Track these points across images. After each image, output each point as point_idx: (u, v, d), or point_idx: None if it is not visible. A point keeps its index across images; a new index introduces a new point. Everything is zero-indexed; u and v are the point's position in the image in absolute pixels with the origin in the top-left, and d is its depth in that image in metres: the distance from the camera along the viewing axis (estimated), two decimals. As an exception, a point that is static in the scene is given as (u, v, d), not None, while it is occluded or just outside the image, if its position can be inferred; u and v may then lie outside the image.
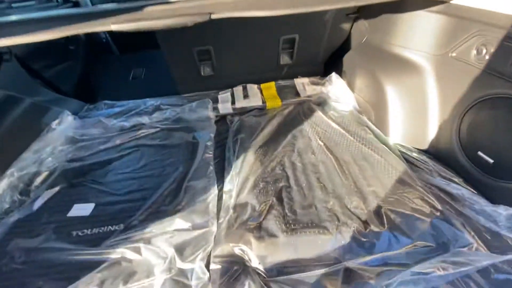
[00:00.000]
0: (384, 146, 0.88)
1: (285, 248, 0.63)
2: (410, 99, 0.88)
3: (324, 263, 0.60)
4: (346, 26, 1.12)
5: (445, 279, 0.55)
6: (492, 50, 0.66)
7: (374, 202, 0.71)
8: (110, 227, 0.73)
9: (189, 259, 0.61)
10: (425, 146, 0.86)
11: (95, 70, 1.67)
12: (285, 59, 1.21)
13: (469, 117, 0.74)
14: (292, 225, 0.67)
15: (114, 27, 0.59)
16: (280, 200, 0.74)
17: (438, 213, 0.67)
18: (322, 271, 0.58)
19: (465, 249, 0.60)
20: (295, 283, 0.57)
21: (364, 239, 0.63)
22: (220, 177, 0.87)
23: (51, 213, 0.79)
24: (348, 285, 0.55)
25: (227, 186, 0.81)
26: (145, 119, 1.13)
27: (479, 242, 0.62)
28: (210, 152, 0.94)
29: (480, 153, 0.72)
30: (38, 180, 0.90)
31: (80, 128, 1.10)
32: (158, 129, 1.08)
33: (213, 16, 0.60)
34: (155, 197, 0.80)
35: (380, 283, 0.54)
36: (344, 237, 0.64)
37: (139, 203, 0.78)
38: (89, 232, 0.72)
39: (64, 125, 1.10)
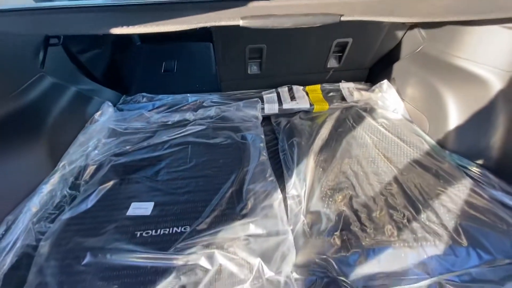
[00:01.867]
0: (443, 158, 0.88)
1: (369, 259, 0.62)
2: (473, 112, 0.87)
3: (411, 277, 0.59)
4: (399, 33, 1.10)
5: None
6: None
7: (448, 217, 0.70)
8: (176, 228, 0.70)
9: (276, 269, 0.59)
10: (485, 161, 0.86)
11: (121, 59, 1.62)
12: (332, 63, 1.19)
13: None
14: (372, 237, 0.66)
15: (243, 23, 0.55)
16: (352, 210, 0.73)
17: (510, 227, 0.66)
18: (412, 285, 0.57)
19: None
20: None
21: (446, 254, 0.62)
22: (278, 181, 0.85)
23: (108, 211, 0.75)
24: None
25: (291, 191, 0.79)
26: (189, 116, 1.09)
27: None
28: (265, 155, 0.92)
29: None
30: (87, 174, 0.86)
31: (122, 120, 1.06)
32: (204, 126, 1.05)
33: (343, 18, 0.57)
34: (217, 199, 0.77)
35: None
36: (426, 251, 0.63)
37: (201, 205, 0.76)
38: (154, 233, 0.69)
39: (105, 116, 1.05)
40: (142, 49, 1.77)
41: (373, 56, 1.18)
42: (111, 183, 0.83)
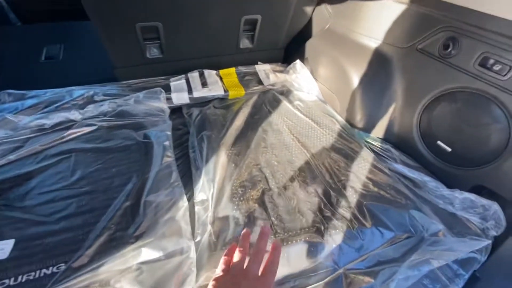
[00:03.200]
0: (352, 137, 0.89)
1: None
2: (374, 89, 0.89)
3: (321, 271, 0.57)
4: (308, 9, 1.06)
5: (431, 269, 0.59)
6: (458, 45, 0.69)
7: (355, 198, 0.70)
8: (45, 270, 0.54)
9: None
10: (387, 135, 0.89)
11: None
12: (245, 43, 1.09)
13: (430, 109, 0.79)
14: (281, 235, 0.61)
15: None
16: (263, 207, 0.67)
17: (410, 202, 0.70)
18: (321, 283, 0.55)
19: (437, 236, 0.65)
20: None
21: (354, 240, 0.62)
22: (187, 185, 0.75)
23: None
24: None
25: (199, 196, 0.69)
26: (74, 115, 0.88)
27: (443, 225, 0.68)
28: (171, 155, 0.79)
29: (439, 142, 0.77)
30: None
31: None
32: (94, 127, 0.85)
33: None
34: (104, 221, 0.62)
35: (380, 284, 0.53)
36: (335, 240, 0.61)
37: (83, 231, 0.60)
38: (12, 282, 0.52)
39: None
40: (17, 32, 1.39)
41: (286, 35, 1.12)
42: None
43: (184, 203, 0.67)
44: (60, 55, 1.21)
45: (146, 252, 0.56)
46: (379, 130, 0.90)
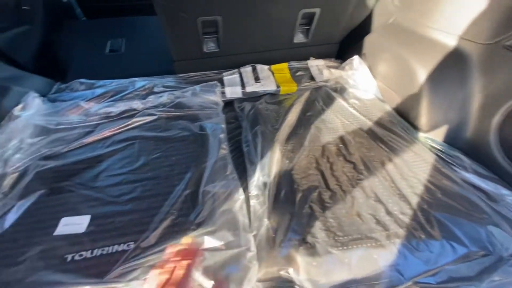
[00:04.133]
0: (415, 140, 0.82)
1: (339, 266, 0.55)
2: (445, 89, 0.81)
3: (385, 280, 0.54)
4: (371, 2, 1.00)
5: None
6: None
7: (420, 206, 0.65)
8: (116, 246, 0.58)
9: None
10: (456, 141, 0.81)
11: (58, 38, 1.37)
12: (299, 37, 1.06)
13: (514, 114, 0.70)
14: (341, 238, 0.59)
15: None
16: (320, 207, 0.65)
17: (486, 216, 0.63)
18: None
19: (518, 256, 0.57)
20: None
21: (421, 251, 0.57)
22: (240, 179, 0.75)
23: (31, 231, 0.61)
24: None
25: (254, 190, 0.70)
26: (137, 104, 0.93)
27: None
28: (226, 147, 0.81)
29: (523, 152, 0.68)
30: (6, 185, 0.70)
31: (53, 114, 0.88)
32: (155, 117, 0.90)
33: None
34: (167, 206, 0.65)
35: None
36: (398, 249, 0.58)
37: (149, 214, 0.64)
38: (89, 255, 0.57)
39: (30, 110, 0.86)
40: (84, 26, 1.51)
41: (343, 29, 1.07)
42: (36, 194, 0.67)
43: (240, 195, 0.68)
44: (122, 48, 1.29)
45: (208, 240, 0.57)
46: (447, 134, 0.83)
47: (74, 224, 0.62)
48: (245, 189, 0.72)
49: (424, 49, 0.85)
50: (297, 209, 0.64)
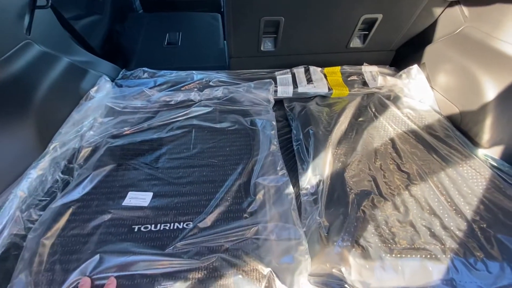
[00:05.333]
0: (473, 156, 0.79)
1: (392, 273, 0.55)
2: (515, 107, 0.77)
3: (439, 292, 0.53)
4: (437, 11, 0.96)
5: None
6: None
7: (479, 225, 0.63)
8: (177, 224, 0.63)
9: (289, 283, 0.52)
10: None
11: (122, 28, 1.48)
12: (356, 42, 1.06)
13: None
14: (395, 246, 0.59)
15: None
16: (373, 212, 0.65)
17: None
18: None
19: None
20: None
21: (478, 269, 0.55)
22: (291, 176, 0.78)
23: (104, 199, 0.68)
24: None
25: (306, 188, 0.71)
26: (194, 96, 0.99)
27: None
28: (276, 144, 0.83)
29: None
30: (82, 157, 0.78)
31: (120, 98, 0.96)
32: (210, 108, 0.95)
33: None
34: (222, 192, 0.70)
35: None
36: (455, 264, 0.56)
37: (205, 198, 0.68)
38: (153, 228, 0.63)
39: (103, 92, 0.95)
40: (144, 19, 1.62)
41: (403, 37, 1.04)
42: (107, 168, 0.75)
43: (290, 191, 0.70)
44: (179, 41, 1.37)
45: (262, 229, 0.60)
46: (509, 153, 0.78)
47: (138, 198, 0.68)
48: (295, 186, 0.74)
49: (494, 63, 0.81)
50: (350, 212, 0.65)
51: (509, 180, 0.74)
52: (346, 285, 0.54)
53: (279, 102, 1.04)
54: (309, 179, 0.73)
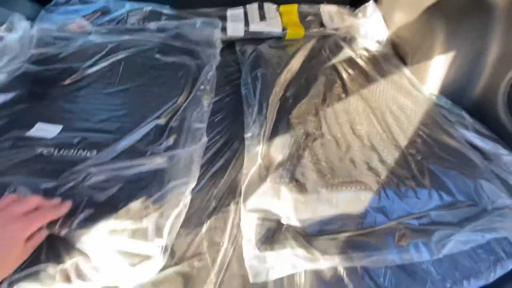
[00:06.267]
0: (420, 95, 0.79)
1: (326, 204, 0.55)
2: (462, 44, 0.76)
3: (371, 219, 0.54)
4: None
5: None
6: None
7: (415, 158, 0.64)
8: (81, 151, 0.57)
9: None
10: (463, 100, 0.78)
11: None
12: (314, -24, 0.96)
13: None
14: (332, 180, 0.59)
15: None
16: (315, 152, 0.64)
17: (478, 171, 0.62)
18: (370, 229, 0.53)
19: (503, 210, 0.58)
20: (341, 243, 0.51)
21: (409, 198, 0.58)
22: (236, 121, 0.74)
23: (6, 125, 0.61)
24: (403, 244, 0.51)
25: (250, 130, 0.68)
26: (132, 26, 0.87)
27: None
28: (208, 86, 0.75)
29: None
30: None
31: (48, 28, 0.82)
32: (150, 43, 0.84)
33: None
34: (135, 131, 0.62)
35: (433, 242, 0.50)
36: (388, 194, 0.57)
37: (115, 136, 0.61)
38: (55, 153, 0.56)
39: (17, 33, 0.80)
40: None
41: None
42: (14, 92, 0.66)
43: (204, 137, 0.64)
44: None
45: (158, 160, 0.57)
46: (454, 92, 0.79)
47: (47, 130, 0.61)
48: (240, 131, 0.71)
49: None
50: (291, 151, 0.63)
51: (450, 117, 0.76)
52: (281, 220, 0.54)
53: (231, 46, 0.95)
54: (254, 121, 0.70)
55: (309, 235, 0.53)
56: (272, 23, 0.93)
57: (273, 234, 0.53)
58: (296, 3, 1.00)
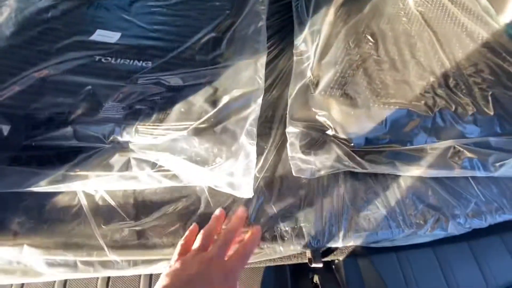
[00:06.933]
0: (494, 24, 0.69)
1: (376, 120, 0.53)
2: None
3: (419, 139, 0.52)
4: None
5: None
6: None
7: (480, 85, 0.59)
8: (137, 62, 0.57)
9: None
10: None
11: None
12: None
13: None
14: (384, 99, 0.55)
15: None
16: (370, 71, 0.60)
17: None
18: (420, 146, 0.51)
19: None
20: (387, 154, 0.50)
21: (467, 123, 0.54)
22: (287, 37, 0.70)
23: (70, 28, 0.61)
24: (455, 162, 0.49)
25: (300, 46, 0.64)
26: None
27: None
28: (263, 7, 0.70)
29: None
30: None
31: None
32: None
33: None
34: (190, 42, 0.62)
35: (490, 162, 0.48)
36: (444, 118, 0.54)
37: (172, 45, 0.61)
38: (113, 61, 0.57)
39: None
40: None
41: None
42: (76, 2, 0.65)
43: (265, 50, 0.62)
44: None
45: (221, 77, 0.56)
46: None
47: (106, 36, 0.61)
48: (290, 46, 0.67)
49: None
50: (344, 68, 0.59)
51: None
52: (328, 131, 0.53)
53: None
54: (305, 37, 0.65)
55: (354, 147, 0.51)
56: None
57: (316, 142, 0.52)
58: None
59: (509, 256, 0.53)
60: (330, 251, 0.53)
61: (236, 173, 0.46)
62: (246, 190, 0.46)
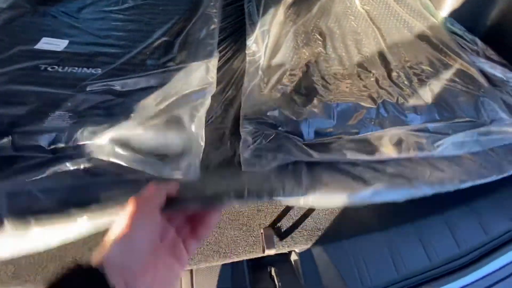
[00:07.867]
0: (433, 19, 0.75)
1: (325, 114, 0.55)
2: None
3: (365, 129, 0.55)
4: None
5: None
6: None
7: (419, 76, 0.63)
8: (85, 69, 0.56)
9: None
10: (477, 25, 0.74)
11: None
12: None
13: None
14: (331, 93, 0.58)
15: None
16: (318, 67, 0.62)
17: (482, 91, 0.61)
18: (363, 134, 0.54)
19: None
20: (337, 145, 0.52)
21: (407, 111, 0.57)
22: (240, 38, 0.71)
23: (13, 37, 0.59)
24: (398, 147, 0.52)
25: (251, 47, 0.66)
26: None
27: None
28: (215, 10, 0.72)
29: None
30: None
31: None
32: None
33: None
34: (141, 46, 0.62)
35: (430, 143, 0.51)
36: (386, 108, 0.57)
37: (121, 51, 0.60)
38: (60, 69, 0.56)
39: None
40: None
41: None
42: (21, 10, 0.64)
43: (215, 53, 0.62)
44: None
45: (171, 77, 0.56)
46: (468, 18, 0.75)
47: (53, 44, 0.59)
48: (242, 45, 0.68)
49: None
50: (292, 66, 0.62)
51: (462, 43, 0.73)
52: (279, 127, 0.54)
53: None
54: (256, 38, 0.67)
55: (305, 141, 0.53)
56: None
57: (269, 139, 0.53)
58: None
59: (450, 234, 0.56)
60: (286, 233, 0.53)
61: (184, 157, 0.46)
62: (193, 172, 0.46)
